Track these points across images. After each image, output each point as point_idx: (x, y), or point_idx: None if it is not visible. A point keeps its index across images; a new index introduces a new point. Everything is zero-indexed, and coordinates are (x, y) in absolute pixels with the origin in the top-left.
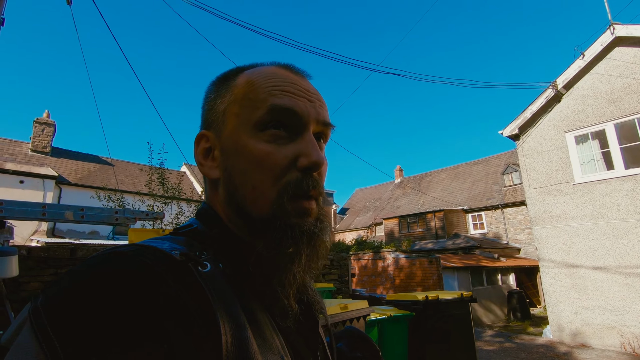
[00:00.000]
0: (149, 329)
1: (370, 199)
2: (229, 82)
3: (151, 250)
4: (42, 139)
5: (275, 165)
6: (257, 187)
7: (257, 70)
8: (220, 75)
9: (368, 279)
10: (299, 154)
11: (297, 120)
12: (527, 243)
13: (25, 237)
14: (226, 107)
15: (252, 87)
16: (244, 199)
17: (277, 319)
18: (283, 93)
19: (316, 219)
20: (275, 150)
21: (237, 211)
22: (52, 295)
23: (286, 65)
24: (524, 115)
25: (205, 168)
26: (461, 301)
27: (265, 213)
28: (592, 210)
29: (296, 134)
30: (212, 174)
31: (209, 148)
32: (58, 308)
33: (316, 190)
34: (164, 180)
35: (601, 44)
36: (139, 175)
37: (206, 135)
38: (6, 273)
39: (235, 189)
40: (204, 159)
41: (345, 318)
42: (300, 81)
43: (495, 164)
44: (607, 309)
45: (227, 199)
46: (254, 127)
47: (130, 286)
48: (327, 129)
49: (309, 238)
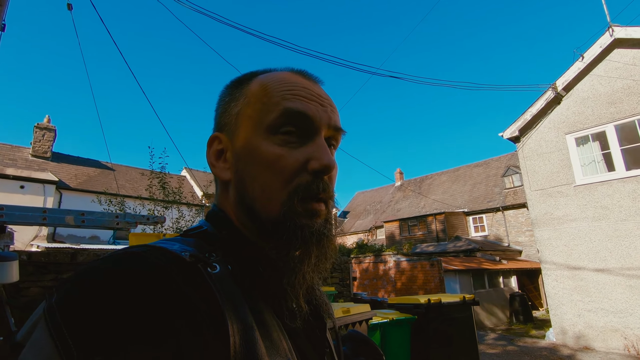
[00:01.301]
0: (160, 328)
1: (371, 202)
2: (243, 86)
3: (162, 251)
4: (42, 144)
5: (286, 168)
6: (267, 189)
7: (271, 75)
8: (234, 79)
9: (369, 283)
10: (310, 157)
11: (309, 124)
12: (528, 245)
13: (26, 242)
14: (239, 110)
15: (266, 91)
16: (254, 200)
17: (285, 320)
18: (296, 97)
19: (325, 220)
20: (287, 153)
21: (248, 212)
22: (66, 294)
23: (299, 70)
24: (524, 117)
25: (217, 169)
26: (463, 304)
27: (275, 214)
28: (593, 212)
29: (308, 137)
30: (224, 176)
31: (221, 150)
32: (72, 306)
33: (326, 193)
34: (164, 185)
35: (600, 45)
36: (139, 180)
37: (219, 137)
38: (6, 278)
39: (246, 191)
40: (216, 160)
41: (348, 322)
42: (313, 86)
43: (496, 166)
44: (610, 311)
45: (237, 200)
46: (266, 130)
47: (142, 286)
48: (338, 134)
49: (318, 239)
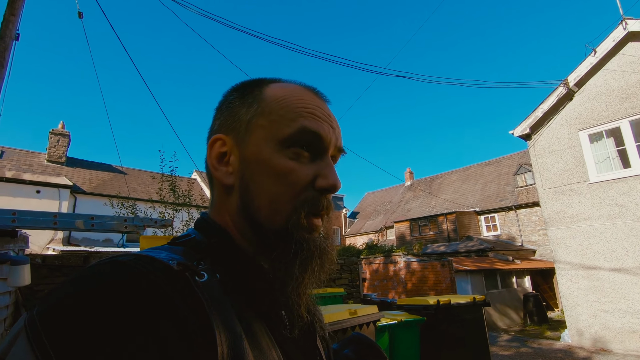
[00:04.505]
0: (145, 338)
1: (381, 203)
2: (254, 93)
3: (148, 260)
4: (57, 150)
5: (297, 182)
6: (275, 200)
7: (286, 88)
8: (244, 82)
9: (380, 284)
10: (318, 175)
11: (321, 144)
12: (542, 245)
13: (42, 246)
14: (252, 117)
15: (283, 105)
16: (260, 209)
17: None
18: (312, 116)
19: (325, 235)
20: (298, 168)
21: (250, 221)
22: (48, 304)
23: (311, 87)
24: (535, 114)
25: (219, 173)
26: (474, 305)
27: (279, 226)
28: (608, 210)
29: (318, 155)
30: (227, 180)
31: (224, 153)
32: (53, 317)
33: (326, 210)
34: (175, 188)
35: (613, 39)
36: (150, 183)
37: (223, 139)
38: (19, 282)
39: (252, 199)
40: (218, 163)
41: (355, 324)
42: (323, 106)
43: (508, 164)
44: (628, 312)
45: (240, 207)
46: (279, 143)
47: (127, 295)
48: (339, 154)
49: (320, 252)
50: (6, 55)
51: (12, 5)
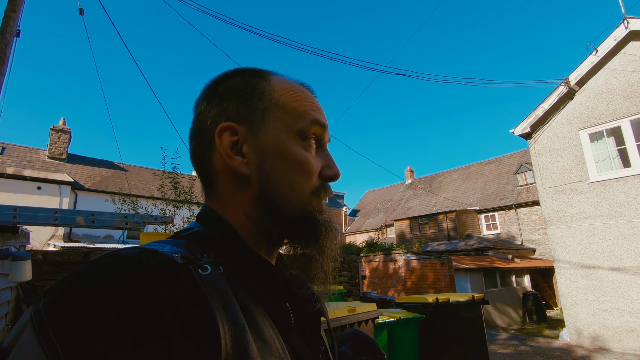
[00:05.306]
0: (150, 331)
1: (381, 201)
2: (263, 83)
3: (152, 253)
4: (58, 146)
5: (313, 170)
6: (296, 188)
7: (290, 81)
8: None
9: (379, 281)
10: (324, 165)
11: (324, 136)
12: (542, 243)
13: (43, 242)
14: (267, 108)
15: (296, 98)
16: (281, 197)
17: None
18: (317, 111)
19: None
20: (312, 158)
21: (270, 209)
22: (54, 298)
23: (307, 84)
24: (535, 113)
25: (235, 162)
26: (472, 303)
27: (299, 212)
28: (608, 210)
29: (320, 147)
30: (243, 170)
31: (235, 141)
32: (59, 309)
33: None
34: (176, 185)
35: (615, 38)
36: (151, 180)
37: (234, 127)
38: (20, 277)
39: (272, 187)
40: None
41: (353, 321)
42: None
43: (508, 163)
44: (627, 311)
45: (259, 197)
46: (297, 134)
47: (131, 288)
48: None
49: (334, 230)
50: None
51: (13, 2)
